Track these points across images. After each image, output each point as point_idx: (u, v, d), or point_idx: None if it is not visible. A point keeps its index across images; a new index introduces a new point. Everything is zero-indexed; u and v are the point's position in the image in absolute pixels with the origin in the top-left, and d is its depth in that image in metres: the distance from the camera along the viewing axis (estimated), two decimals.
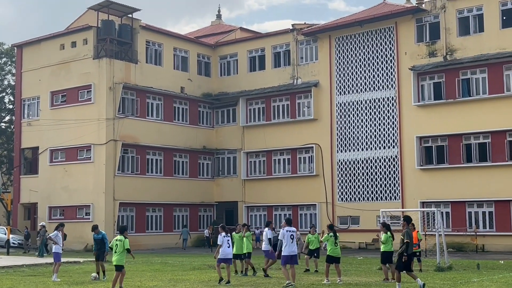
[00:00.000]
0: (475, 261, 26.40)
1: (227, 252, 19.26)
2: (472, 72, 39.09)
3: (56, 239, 21.14)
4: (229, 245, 19.36)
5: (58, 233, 21.40)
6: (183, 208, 47.55)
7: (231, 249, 19.49)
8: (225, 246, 19.24)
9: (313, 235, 23.75)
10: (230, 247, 19.48)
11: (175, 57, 48.14)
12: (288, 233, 18.18)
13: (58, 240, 21.17)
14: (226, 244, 19.27)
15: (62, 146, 44.39)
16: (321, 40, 44.85)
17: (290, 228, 18.38)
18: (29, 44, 48.36)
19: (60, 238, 21.40)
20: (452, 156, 39.13)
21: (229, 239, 19.56)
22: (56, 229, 21.95)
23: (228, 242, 19.35)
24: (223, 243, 19.24)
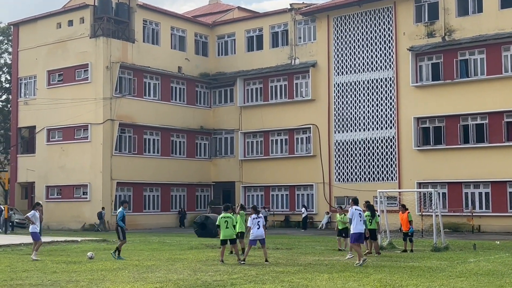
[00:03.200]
0: (472, 242, 26.52)
1: (257, 233, 19.26)
2: (471, 53, 38.96)
3: (33, 218, 21.03)
4: (258, 226, 19.35)
5: (35, 213, 21.24)
6: (180, 188, 47.58)
7: (261, 230, 19.46)
8: (255, 228, 19.24)
9: (340, 215, 23.65)
10: (260, 228, 19.45)
11: (172, 37, 47.89)
12: (357, 212, 18.79)
13: (35, 220, 21.05)
14: (256, 226, 19.27)
15: (59, 126, 44.27)
16: (319, 20, 44.61)
17: (357, 207, 19.04)
18: (25, 22, 48.07)
19: (37, 217, 21.24)
20: (449, 137, 39.12)
21: (260, 220, 19.52)
22: (33, 208, 21.81)
23: (258, 224, 19.35)
24: (253, 224, 19.25)
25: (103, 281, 14.66)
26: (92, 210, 42.12)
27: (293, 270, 16.74)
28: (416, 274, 15.68)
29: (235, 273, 16.19)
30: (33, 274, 16.16)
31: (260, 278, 15.01)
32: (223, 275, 15.74)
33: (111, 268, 17.57)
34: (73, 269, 17.22)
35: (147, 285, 13.81)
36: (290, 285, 13.78)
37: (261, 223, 19.49)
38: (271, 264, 18.53)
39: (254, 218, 19.38)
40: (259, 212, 20.04)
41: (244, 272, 16.36)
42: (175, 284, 13.97)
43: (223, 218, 19.13)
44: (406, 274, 15.79)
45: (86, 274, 16.09)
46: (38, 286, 13.72)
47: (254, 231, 19.23)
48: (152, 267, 17.67)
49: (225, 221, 19.06)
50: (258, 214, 19.73)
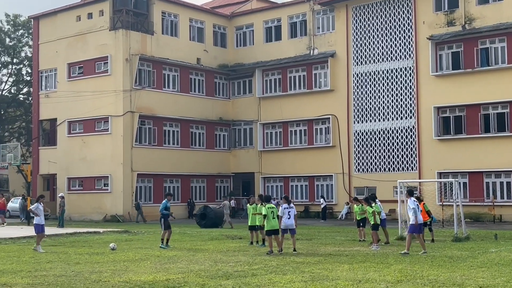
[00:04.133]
0: (493, 232, 26.37)
1: (287, 223, 19.37)
2: (491, 41, 38.60)
3: (37, 211, 21.26)
4: (289, 216, 19.45)
5: (38, 205, 21.50)
6: (200, 179, 47.79)
7: (292, 220, 19.57)
8: (285, 217, 19.35)
9: (357, 206, 23.71)
10: (291, 218, 19.55)
11: (191, 28, 47.97)
12: (415, 203, 19.04)
13: (39, 212, 21.28)
14: (287, 215, 19.38)
15: (79, 118, 44.63)
16: (338, 9, 44.42)
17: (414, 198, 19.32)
18: (45, 16, 48.38)
19: (41, 210, 21.47)
20: (470, 126, 38.85)
21: (290, 210, 19.62)
22: (37, 201, 22.07)
23: (289, 214, 19.46)
24: (284, 214, 19.37)
25: (125, 271, 14.83)
26: (113, 202, 42.52)
27: (314, 261, 16.81)
28: (437, 264, 15.67)
29: (256, 263, 16.29)
30: (57, 265, 16.38)
31: (280, 269, 15.09)
32: (244, 265, 15.85)
33: (133, 259, 17.76)
34: (96, 260, 17.44)
35: (169, 276, 13.95)
36: (310, 275, 13.84)
37: (292, 213, 19.62)
38: (291, 254, 18.61)
39: (285, 208, 19.52)
40: (290, 202, 20.23)
41: (264, 262, 16.46)
42: (197, 275, 14.10)
43: (269, 208, 19.12)
44: (427, 264, 15.79)
45: (108, 265, 16.29)
46: (62, 277, 13.90)
47: (285, 221, 19.35)
48: (174, 258, 17.84)
49: (271, 211, 19.06)
50: (290, 204, 19.88)
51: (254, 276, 13.87)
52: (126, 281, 13.15)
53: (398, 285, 12.25)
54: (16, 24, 59.81)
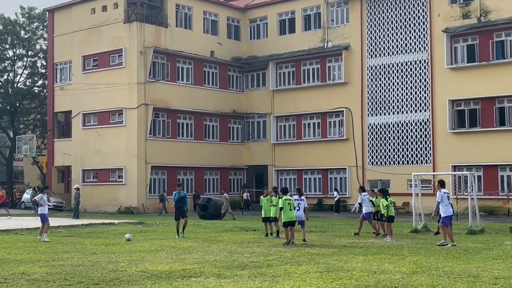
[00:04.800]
0: (508, 225, 26.26)
1: (297, 215, 19.46)
2: (507, 34, 38.39)
3: (41, 201, 21.61)
4: (299, 208, 19.57)
5: (43, 196, 21.85)
6: (214, 172, 47.96)
7: (301, 212, 19.70)
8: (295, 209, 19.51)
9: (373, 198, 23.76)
10: (300, 210, 19.68)
11: (204, 21, 48.04)
12: (445, 195, 18.90)
13: (43, 202, 21.61)
14: (297, 207, 19.50)
15: (94, 110, 44.90)
16: (352, 2, 44.29)
17: (445, 190, 19.06)
18: (60, 8, 48.64)
19: (45, 200, 21.81)
20: (485, 119, 38.70)
21: (301, 202, 19.77)
22: (41, 191, 22.43)
23: (298, 206, 19.58)
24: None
25: (142, 262, 14.96)
26: (128, 194, 42.79)
27: (328, 252, 16.87)
28: (452, 257, 15.66)
29: (271, 254, 16.37)
30: (74, 255, 16.54)
31: (295, 260, 15.17)
32: (259, 256, 15.93)
33: (149, 249, 17.90)
34: (112, 251, 17.59)
35: (186, 266, 14.06)
36: (325, 266, 13.89)
37: (301, 205, 19.76)
38: (306, 246, 18.68)
39: (296, 200, 19.65)
40: (302, 194, 20.43)
41: (279, 254, 16.54)
42: (212, 265, 14.20)
43: (286, 200, 19.16)
44: (442, 256, 15.79)
45: (125, 255, 16.42)
46: (79, 267, 14.04)
47: (295, 212, 19.43)
48: (189, 249, 17.95)
49: (288, 203, 19.11)
50: (301, 197, 20.03)
51: (270, 266, 13.94)
52: (143, 271, 13.27)
53: (413, 276, 12.28)
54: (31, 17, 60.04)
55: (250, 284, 11.41)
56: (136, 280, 12.01)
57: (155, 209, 42.52)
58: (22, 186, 60.74)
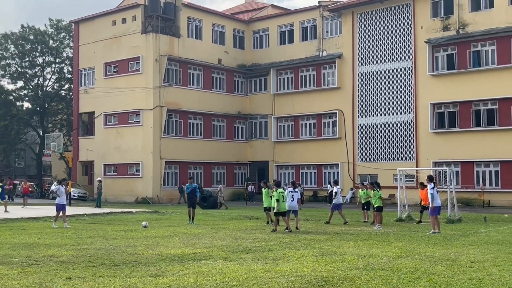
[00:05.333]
0: (482, 215, 26.30)
1: (290, 204, 19.50)
2: (482, 45, 38.31)
3: (58, 192, 21.44)
4: (292, 199, 19.56)
5: (60, 187, 21.59)
6: (221, 167, 47.95)
7: (295, 202, 19.70)
8: (289, 199, 19.47)
9: (362, 190, 23.84)
10: (294, 201, 19.67)
11: (213, 32, 48.01)
12: (435, 189, 18.93)
13: (60, 193, 21.44)
14: (290, 198, 19.52)
15: (114, 111, 44.91)
16: (345, 15, 44.25)
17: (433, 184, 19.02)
18: (84, 20, 48.64)
19: (63, 191, 21.59)
20: (462, 121, 38.66)
21: (294, 194, 19.75)
22: (59, 183, 22.23)
23: (292, 197, 19.58)
24: (288, 197, 19.54)
25: (157, 246, 14.99)
26: (144, 186, 42.83)
27: (323, 238, 16.89)
28: (433, 243, 15.68)
29: (272, 240, 16.40)
30: (97, 240, 16.58)
31: (294, 245, 15.19)
32: (261, 242, 15.96)
33: (163, 235, 17.93)
34: (130, 236, 17.61)
35: (196, 250, 14.09)
36: (320, 251, 13.92)
37: (295, 196, 19.79)
38: (302, 233, 18.71)
39: (290, 191, 19.67)
40: (296, 187, 20.42)
41: (279, 239, 16.57)
42: (220, 249, 14.23)
43: (280, 193, 19.14)
44: (424, 242, 15.81)
45: (142, 240, 16.46)
46: (102, 250, 14.08)
47: (289, 202, 19.46)
48: (199, 235, 17.98)
49: (282, 195, 19.12)
50: (295, 189, 20.04)
51: (270, 251, 13.97)
52: (158, 254, 13.31)
53: (398, 260, 12.30)
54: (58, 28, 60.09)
55: (253, 266, 11.44)
56: (152, 262, 12.05)
57: (168, 199, 42.57)
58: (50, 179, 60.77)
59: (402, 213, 24.27)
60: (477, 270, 11.04)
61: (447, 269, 11.09)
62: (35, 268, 11.35)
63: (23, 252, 13.68)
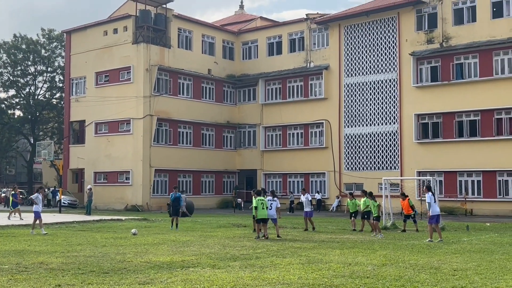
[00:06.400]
0: (465, 223, 26.42)
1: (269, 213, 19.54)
2: (465, 58, 38.66)
3: (37, 200, 21.37)
4: (271, 207, 19.62)
5: (38, 195, 21.59)
6: (209, 175, 47.86)
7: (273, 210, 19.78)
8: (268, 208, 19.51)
9: (351, 200, 23.88)
10: (273, 209, 19.74)
11: (203, 43, 48.05)
12: (433, 196, 18.77)
13: (38, 201, 21.39)
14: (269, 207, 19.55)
15: (105, 120, 44.74)
16: (332, 28, 44.49)
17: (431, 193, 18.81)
18: (76, 30, 48.50)
19: (40, 199, 21.58)
20: (446, 131, 38.91)
21: (273, 203, 19.85)
22: (37, 191, 22.16)
23: (270, 205, 19.66)
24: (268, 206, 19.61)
25: (146, 253, 14.89)
26: (134, 193, 42.62)
27: (309, 246, 16.87)
28: (417, 251, 15.71)
29: (259, 248, 16.35)
30: (86, 247, 16.45)
31: (281, 253, 15.16)
32: (249, 249, 15.91)
33: (152, 242, 17.83)
34: (120, 243, 17.49)
35: (184, 257, 14.01)
36: (307, 258, 13.90)
37: (273, 205, 19.85)
38: (289, 240, 18.68)
39: (269, 200, 19.72)
40: (275, 196, 20.56)
41: (267, 247, 16.52)
42: (208, 257, 14.16)
43: (259, 200, 19.21)
44: (408, 250, 15.84)
45: (131, 247, 16.34)
46: (91, 257, 13.97)
47: (268, 211, 19.48)
48: (187, 242, 17.89)
49: (261, 203, 19.17)
50: (274, 198, 20.11)
51: (258, 258, 13.93)
52: (147, 262, 13.22)
53: (383, 268, 12.31)
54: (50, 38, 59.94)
55: (241, 274, 11.40)
56: (141, 270, 11.97)
57: (157, 207, 42.38)
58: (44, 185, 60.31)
59: (387, 221, 24.32)
60: (460, 278, 11.06)
61: (431, 277, 11.11)
62: (24, 275, 11.22)
63: (13, 259, 13.54)
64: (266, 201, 19.47)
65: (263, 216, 19.23)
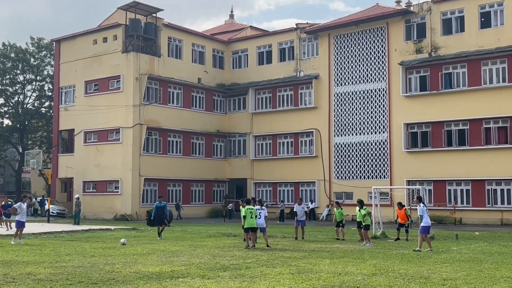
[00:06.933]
0: (454, 232, 26.50)
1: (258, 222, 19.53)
2: (454, 67, 38.93)
3: (19, 209, 21.13)
4: (260, 216, 19.63)
5: (21, 204, 21.33)
6: (199, 184, 47.72)
7: (262, 219, 19.78)
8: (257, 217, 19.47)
9: (337, 209, 23.94)
10: (262, 218, 19.74)
11: (193, 52, 48.06)
12: (425, 208, 18.74)
13: (21, 210, 21.14)
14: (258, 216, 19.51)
15: (94, 129, 44.54)
16: (321, 37, 44.68)
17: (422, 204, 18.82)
18: (66, 39, 48.34)
19: (24, 209, 21.31)
20: (434, 140, 39.09)
21: (261, 212, 19.87)
22: (20, 200, 21.89)
23: (259, 214, 19.68)
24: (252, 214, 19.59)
25: (135, 263, 14.81)
26: (123, 203, 42.39)
27: (299, 256, 16.85)
28: (406, 260, 15.74)
29: (249, 258, 16.30)
30: (75, 257, 16.33)
31: (271, 263, 15.12)
32: (239, 259, 15.86)
33: (141, 253, 17.73)
34: (108, 253, 17.38)
35: (174, 268, 13.95)
36: (297, 268, 13.87)
37: (262, 214, 19.85)
38: (279, 250, 18.64)
39: (257, 209, 19.70)
40: (262, 205, 20.53)
41: (256, 257, 16.48)
42: (198, 267, 14.10)
43: (248, 209, 19.21)
44: (398, 260, 15.87)
45: (120, 257, 16.25)
46: (79, 268, 13.87)
47: (256, 220, 19.45)
48: (177, 252, 17.82)
49: (250, 212, 19.17)
50: (262, 207, 20.11)
51: (248, 268, 13.89)
52: (136, 272, 13.14)
53: (373, 278, 12.31)
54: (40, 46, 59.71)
55: (231, 284, 11.35)
56: (130, 280, 11.89)
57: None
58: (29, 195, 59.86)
59: (377, 230, 24.35)
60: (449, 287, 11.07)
61: (420, 287, 11.12)
62: (12, 286, 11.11)
63: (0, 270, 13.40)
64: (255, 210, 19.45)
65: (252, 225, 19.21)
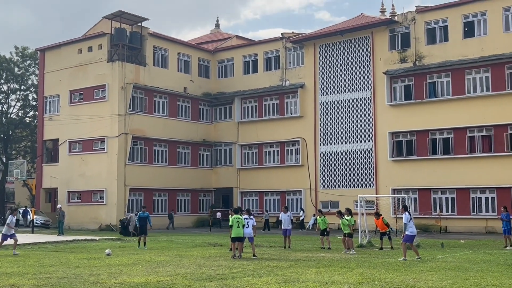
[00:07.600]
0: (439, 241, 26.62)
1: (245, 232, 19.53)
2: (438, 76, 39.27)
3: (11, 224, 21.03)
4: (248, 226, 19.61)
5: (12, 218, 21.22)
6: (185, 193, 47.55)
7: (250, 229, 19.77)
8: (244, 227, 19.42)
9: (320, 218, 23.97)
10: (249, 228, 19.72)
11: (179, 61, 48.03)
12: (410, 217, 18.60)
13: (12, 224, 21.05)
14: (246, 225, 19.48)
15: (79, 138, 44.26)
16: (307, 47, 44.88)
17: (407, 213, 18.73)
18: (50, 48, 48.10)
19: (13, 222, 21.23)
20: (419, 149, 39.33)
21: (249, 221, 19.86)
22: (11, 214, 21.70)
23: (247, 223, 19.65)
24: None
25: (120, 274, 14.68)
26: (108, 213, 42.08)
27: (286, 265, 16.81)
28: (392, 269, 15.76)
29: (235, 267, 16.23)
30: (59, 268, 16.16)
31: (257, 272, 15.06)
32: (225, 269, 15.79)
33: (127, 263, 17.59)
34: (93, 264, 17.23)
35: (159, 278, 13.84)
36: (283, 278, 13.83)
37: (250, 223, 19.80)
38: (266, 259, 18.59)
39: (246, 219, 19.66)
40: (251, 214, 20.52)
41: (243, 267, 16.42)
42: (183, 277, 14.01)
43: (235, 219, 19.15)
44: (384, 268, 15.88)
45: (105, 268, 16.11)
46: (64, 279, 13.71)
47: (244, 230, 19.42)
48: (163, 263, 17.70)
49: (236, 221, 19.10)
50: (250, 216, 20.07)
51: (234, 278, 13.82)
52: (121, 283, 13.02)
53: (359, 286, 12.30)
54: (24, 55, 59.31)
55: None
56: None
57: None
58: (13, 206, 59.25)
59: (362, 239, 24.39)
60: None
61: None
62: None
63: None
64: (242, 219, 19.40)
65: (238, 234, 19.16)
